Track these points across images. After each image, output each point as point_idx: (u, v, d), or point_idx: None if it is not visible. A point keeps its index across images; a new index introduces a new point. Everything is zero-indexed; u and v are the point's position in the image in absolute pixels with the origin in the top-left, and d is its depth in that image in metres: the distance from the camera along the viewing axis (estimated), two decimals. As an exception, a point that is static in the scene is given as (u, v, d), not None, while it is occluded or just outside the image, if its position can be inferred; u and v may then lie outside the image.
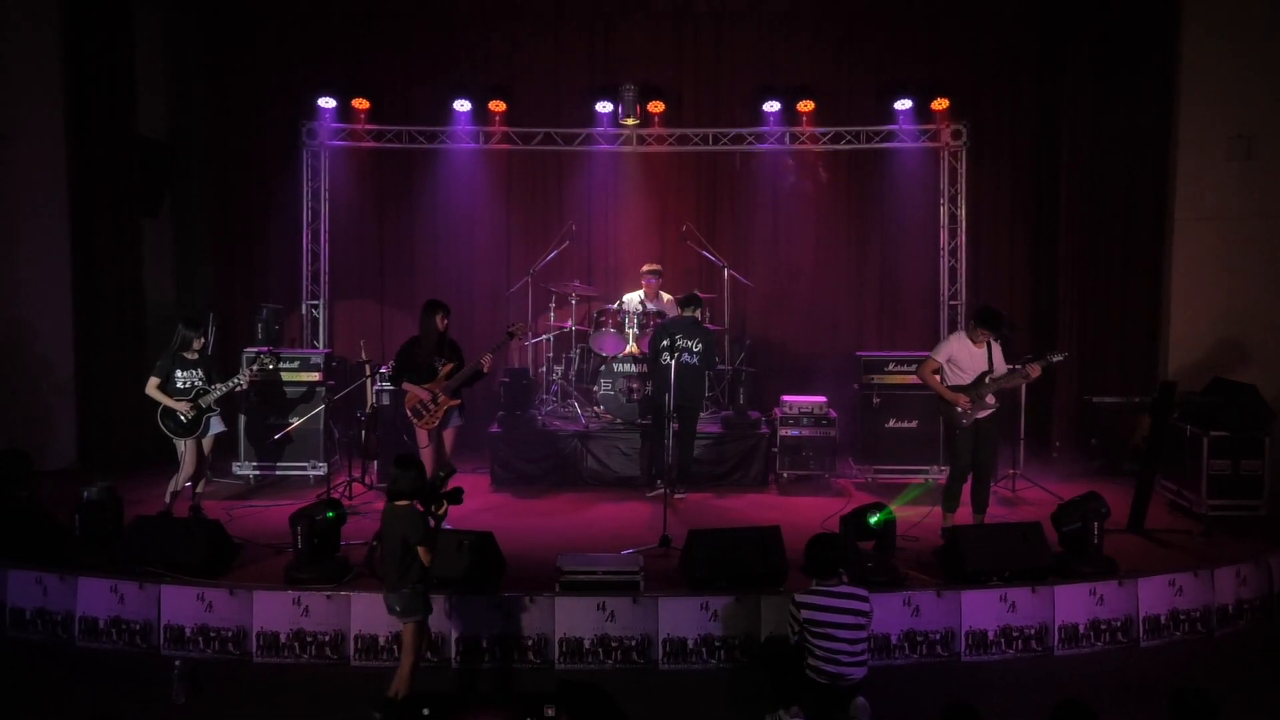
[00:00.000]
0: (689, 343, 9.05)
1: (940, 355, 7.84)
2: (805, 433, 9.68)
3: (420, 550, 5.58)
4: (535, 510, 9.00)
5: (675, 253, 11.29)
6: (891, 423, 9.83)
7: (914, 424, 9.77)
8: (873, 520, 6.92)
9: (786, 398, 9.91)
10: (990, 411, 7.78)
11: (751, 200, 11.52)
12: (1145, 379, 10.48)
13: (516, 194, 11.66)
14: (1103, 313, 10.74)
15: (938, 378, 7.83)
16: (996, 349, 7.78)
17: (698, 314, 9.27)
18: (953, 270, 11.21)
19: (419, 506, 5.66)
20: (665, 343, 9.07)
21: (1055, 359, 7.68)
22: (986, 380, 7.71)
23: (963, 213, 11.15)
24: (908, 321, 11.39)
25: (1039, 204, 11.27)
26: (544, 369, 10.78)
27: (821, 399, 9.88)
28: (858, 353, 10.21)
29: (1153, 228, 10.61)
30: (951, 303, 11.18)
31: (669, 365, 8.56)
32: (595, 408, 10.13)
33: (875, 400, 9.82)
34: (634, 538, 7.87)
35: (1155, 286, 10.62)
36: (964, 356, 7.77)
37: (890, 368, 9.82)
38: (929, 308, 11.32)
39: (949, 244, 11.20)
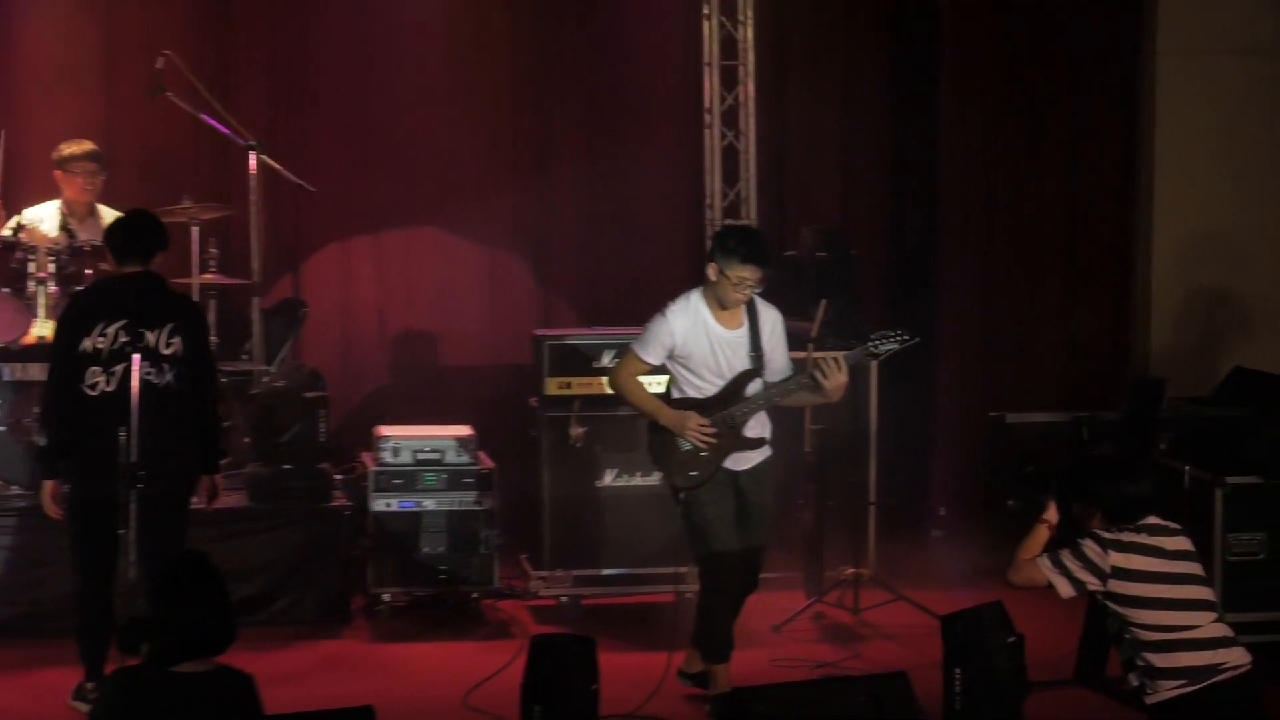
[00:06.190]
0: (155, 335, 8.09)
1: (648, 352, 7.78)
2: (425, 503, 9.57)
3: None
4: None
5: (144, 116, 10.96)
6: (608, 478, 9.72)
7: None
8: None
9: (384, 429, 9.87)
10: (762, 458, 7.76)
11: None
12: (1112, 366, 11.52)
13: None
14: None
15: (641, 382, 7.99)
16: (771, 320, 7.75)
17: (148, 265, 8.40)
18: (729, 152, 11.12)
19: None
20: (89, 343, 7.99)
21: (887, 346, 7.52)
22: (749, 392, 7.61)
23: (747, 36, 11.35)
24: (640, 269, 11.56)
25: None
26: None
27: (464, 430, 9.89)
28: (536, 332, 10.24)
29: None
30: (727, 220, 11.25)
31: (103, 393, 7.87)
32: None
33: (575, 432, 9.50)
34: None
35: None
36: (698, 344, 7.72)
37: (602, 362, 9.74)
38: (678, 231, 11.61)
39: (720, 97, 11.34)
